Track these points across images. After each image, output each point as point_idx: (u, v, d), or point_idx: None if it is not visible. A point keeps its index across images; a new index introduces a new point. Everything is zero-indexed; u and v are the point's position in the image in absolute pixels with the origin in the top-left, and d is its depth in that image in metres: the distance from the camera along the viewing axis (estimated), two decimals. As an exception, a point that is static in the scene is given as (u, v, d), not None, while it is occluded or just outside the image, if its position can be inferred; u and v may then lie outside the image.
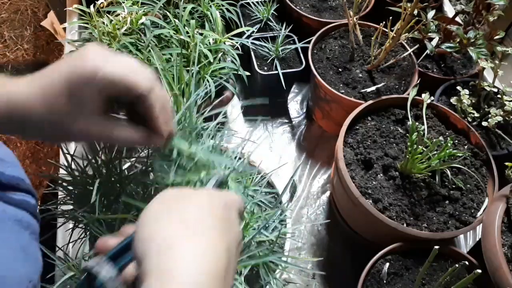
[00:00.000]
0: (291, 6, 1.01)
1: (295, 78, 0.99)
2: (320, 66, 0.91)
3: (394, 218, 0.68)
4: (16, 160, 0.43)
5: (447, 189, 0.72)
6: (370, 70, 0.89)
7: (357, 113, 0.79)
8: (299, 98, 1.05)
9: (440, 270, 0.66)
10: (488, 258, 0.60)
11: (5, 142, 1.63)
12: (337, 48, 0.94)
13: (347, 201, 0.73)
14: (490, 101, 0.88)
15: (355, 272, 0.65)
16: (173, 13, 0.82)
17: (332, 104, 0.88)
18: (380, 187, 0.71)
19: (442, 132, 0.80)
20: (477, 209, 0.71)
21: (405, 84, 0.88)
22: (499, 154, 0.81)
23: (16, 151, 1.62)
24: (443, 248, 0.65)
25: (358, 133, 0.79)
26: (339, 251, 0.82)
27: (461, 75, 0.95)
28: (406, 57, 0.91)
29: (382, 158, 0.75)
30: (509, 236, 0.63)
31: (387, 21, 0.82)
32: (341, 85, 0.88)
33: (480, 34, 0.86)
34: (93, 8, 0.77)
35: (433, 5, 0.95)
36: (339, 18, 1.03)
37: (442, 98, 0.90)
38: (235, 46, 0.83)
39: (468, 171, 0.74)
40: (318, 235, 0.84)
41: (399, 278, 0.65)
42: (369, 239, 0.76)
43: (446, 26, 0.92)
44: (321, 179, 0.92)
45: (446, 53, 0.93)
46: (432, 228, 0.68)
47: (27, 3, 2.07)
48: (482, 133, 0.84)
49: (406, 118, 0.81)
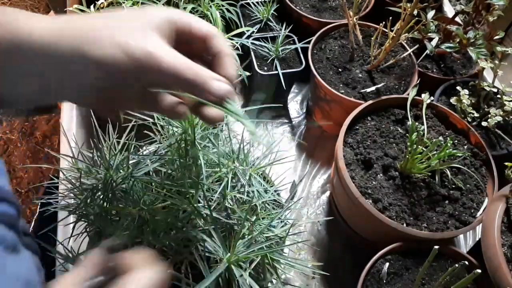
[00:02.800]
0: (291, 6, 1.02)
1: (295, 78, 0.99)
2: (320, 66, 0.91)
3: (394, 218, 0.68)
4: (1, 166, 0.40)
5: (447, 189, 0.72)
6: (370, 70, 0.90)
7: (357, 113, 0.79)
8: (299, 98, 1.05)
9: (440, 270, 0.66)
10: (488, 258, 0.61)
11: (5, 142, 1.63)
12: (337, 48, 0.94)
13: (347, 201, 0.73)
14: (490, 101, 0.88)
15: (355, 272, 0.65)
16: (173, 13, 0.82)
17: (332, 104, 0.88)
18: (380, 187, 0.71)
19: (442, 132, 0.81)
20: (477, 209, 0.71)
21: (405, 84, 0.89)
22: (499, 154, 0.81)
23: (16, 151, 1.63)
24: (443, 248, 0.65)
25: (358, 133, 0.79)
26: (339, 251, 0.82)
27: (461, 75, 0.95)
28: (406, 57, 0.91)
29: (382, 158, 0.75)
30: (509, 236, 0.63)
31: (387, 21, 0.83)
32: (341, 85, 0.88)
33: (480, 34, 0.86)
34: (93, 8, 0.78)
35: (433, 5, 0.95)
36: (339, 18, 1.03)
37: (442, 98, 0.90)
38: (235, 46, 0.83)
39: (468, 171, 0.74)
40: (318, 235, 0.84)
41: (399, 278, 0.65)
42: (369, 239, 0.76)
43: (446, 26, 0.92)
44: (321, 179, 0.92)
45: (446, 53, 0.93)
46: (432, 228, 0.68)
47: (27, 3, 2.07)
48: (482, 133, 0.84)
49: (406, 118, 0.81)
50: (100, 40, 0.35)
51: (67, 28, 0.35)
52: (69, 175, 0.57)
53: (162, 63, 0.35)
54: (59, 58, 0.35)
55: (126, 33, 0.36)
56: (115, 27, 0.36)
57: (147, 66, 0.35)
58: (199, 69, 0.37)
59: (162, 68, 0.35)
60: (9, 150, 1.65)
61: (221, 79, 0.38)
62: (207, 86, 0.37)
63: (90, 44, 0.35)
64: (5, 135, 1.64)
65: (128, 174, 0.54)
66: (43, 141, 1.67)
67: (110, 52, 0.35)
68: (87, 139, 0.82)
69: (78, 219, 0.56)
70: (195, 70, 0.37)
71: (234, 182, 0.55)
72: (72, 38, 0.35)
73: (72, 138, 0.66)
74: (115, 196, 0.54)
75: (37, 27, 0.35)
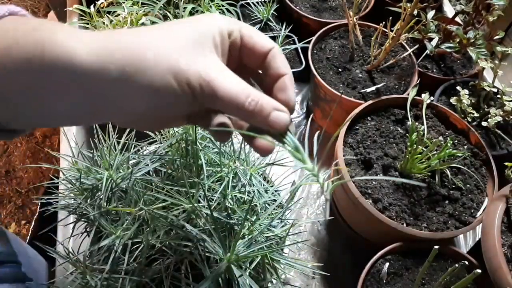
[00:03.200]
0: (291, 6, 1.02)
1: (295, 78, 0.99)
2: (320, 66, 0.91)
3: (394, 218, 0.68)
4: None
5: (447, 189, 0.72)
6: (370, 70, 0.90)
7: (357, 113, 0.79)
8: (299, 98, 1.05)
9: (440, 270, 0.66)
10: (488, 258, 0.61)
11: (5, 142, 1.63)
12: (337, 48, 0.94)
13: (347, 201, 0.73)
14: (490, 101, 0.88)
15: (355, 272, 0.65)
16: (173, 14, 0.82)
17: (332, 104, 0.88)
18: (380, 187, 0.71)
19: (442, 132, 0.81)
20: (477, 209, 0.71)
21: (405, 84, 0.89)
22: (499, 154, 0.81)
23: (16, 151, 1.63)
24: (443, 248, 0.65)
25: (358, 133, 0.79)
26: (339, 251, 0.82)
27: (461, 75, 0.95)
28: (406, 57, 0.91)
29: (382, 158, 0.75)
30: (509, 236, 0.63)
31: (387, 21, 0.82)
32: (341, 85, 0.88)
33: (480, 34, 0.86)
34: (93, 8, 0.78)
35: (433, 5, 0.95)
36: (339, 18, 1.03)
37: (442, 98, 0.90)
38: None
39: (468, 171, 0.74)
40: (318, 235, 0.84)
41: (399, 278, 0.65)
42: (369, 239, 0.76)
43: (446, 26, 0.92)
44: (321, 179, 0.92)
45: (446, 53, 0.93)
46: (432, 228, 0.68)
47: (27, 3, 2.07)
48: (482, 133, 0.84)
49: (406, 118, 0.81)
50: (148, 66, 0.30)
51: (110, 50, 0.30)
52: (69, 175, 0.57)
53: (219, 91, 0.31)
54: (102, 85, 0.30)
55: (178, 55, 0.31)
56: (164, 48, 0.31)
57: (201, 93, 0.31)
58: (260, 98, 0.33)
59: (218, 96, 0.31)
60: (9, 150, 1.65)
61: (282, 109, 0.35)
62: (267, 118, 0.34)
63: (137, 70, 0.30)
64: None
65: (128, 174, 0.54)
66: (43, 141, 1.67)
67: (160, 79, 0.30)
68: (87, 139, 0.82)
69: (78, 219, 0.56)
70: (256, 99, 0.33)
71: (234, 182, 0.55)
72: (117, 64, 0.30)
73: (72, 138, 0.66)
74: (115, 196, 0.54)
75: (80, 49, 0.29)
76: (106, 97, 0.31)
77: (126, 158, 0.56)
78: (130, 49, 0.30)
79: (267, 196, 0.57)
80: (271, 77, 0.37)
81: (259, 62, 0.37)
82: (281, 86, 0.37)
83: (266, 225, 0.53)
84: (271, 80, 0.37)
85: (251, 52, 0.36)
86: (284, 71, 0.37)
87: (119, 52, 0.30)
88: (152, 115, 0.34)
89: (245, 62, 0.38)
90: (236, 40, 0.36)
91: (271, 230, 0.55)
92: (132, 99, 0.31)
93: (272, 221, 0.54)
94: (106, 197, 0.53)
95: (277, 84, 0.37)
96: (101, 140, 0.58)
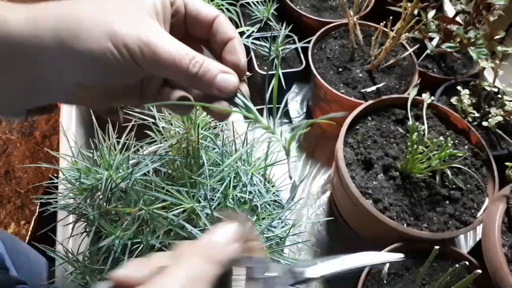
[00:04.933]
0: (291, 6, 1.01)
1: (295, 78, 0.99)
2: (320, 66, 0.91)
3: (395, 218, 0.68)
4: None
5: (448, 189, 0.72)
6: (370, 70, 0.89)
7: (357, 113, 0.79)
8: (299, 98, 1.05)
9: (440, 270, 0.66)
10: (488, 258, 0.60)
11: (4, 142, 1.63)
12: (337, 48, 0.94)
13: (347, 201, 0.73)
14: (491, 101, 0.88)
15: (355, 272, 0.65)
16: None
17: (332, 104, 0.88)
18: (380, 187, 0.71)
19: (443, 132, 0.80)
20: (477, 209, 0.71)
21: (405, 84, 0.88)
22: (499, 154, 0.81)
23: (16, 151, 1.62)
24: (443, 248, 0.65)
25: (358, 133, 0.78)
26: (339, 251, 0.82)
27: (461, 75, 0.95)
28: (406, 57, 0.91)
29: (382, 158, 0.74)
30: (509, 236, 0.63)
31: (387, 21, 0.82)
32: (341, 85, 0.88)
33: (481, 34, 0.86)
34: None
35: (433, 5, 0.95)
36: (339, 18, 1.02)
37: (442, 98, 0.90)
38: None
39: (469, 171, 0.74)
40: (318, 235, 0.84)
41: (399, 278, 0.65)
42: (369, 239, 0.76)
43: (447, 26, 0.92)
44: (321, 179, 0.92)
45: (446, 53, 0.93)
46: (432, 228, 0.68)
47: (26, 3, 2.07)
48: (482, 133, 0.84)
49: (406, 118, 0.81)
50: (84, 30, 0.29)
51: (44, 17, 0.30)
52: (69, 175, 0.57)
53: (160, 53, 0.30)
54: (37, 52, 0.29)
55: (114, 19, 0.30)
56: (101, 13, 0.30)
57: (141, 57, 0.30)
58: (204, 60, 0.32)
59: (159, 59, 0.31)
60: (9, 150, 1.65)
61: (229, 71, 0.34)
62: (214, 81, 0.33)
63: (72, 35, 0.29)
64: (4, 135, 1.64)
65: (128, 174, 0.54)
66: (43, 141, 1.67)
67: (96, 44, 0.29)
68: (87, 139, 0.81)
69: (78, 219, 0.56)
70: (200, 61, 0.32)
71: (235, 182, 0.55)
72: (52, 30, 0.29)
73: (71, 138, 0.66)
74: (115, 196, 0.54)
75: (11, 18, 0.29)
76: (43, 66, 0.30)
77: (126, 158, 0.55)
78: (66, 16, 0.30)
79: (268, 197, 0.57)
80: (219, 43, 0.37)
81: (206, 30, 0.37)
82: (229, 49, 0.36)
83: (267, 225, 0.53)
84: (219, 46, 0.37)
85: (197, 21, 0.36)
86: (232, 35, 0.36)
87: (53, 19, 0.29)
88: (95, 87, 0.33)
89: (191, 31, 0.37)
90: (179, 8, 0.35)
91: (272, 231, 0.55)
92: (70, 67, 0.31)
93: (272, 222, 0.54)
94: (105, 197, 0.53)
95: (226, 47, 0.36)
96: (101, 140, 0.58)
